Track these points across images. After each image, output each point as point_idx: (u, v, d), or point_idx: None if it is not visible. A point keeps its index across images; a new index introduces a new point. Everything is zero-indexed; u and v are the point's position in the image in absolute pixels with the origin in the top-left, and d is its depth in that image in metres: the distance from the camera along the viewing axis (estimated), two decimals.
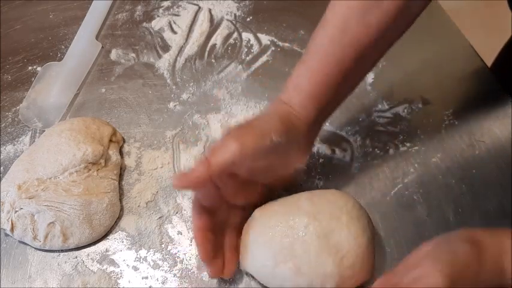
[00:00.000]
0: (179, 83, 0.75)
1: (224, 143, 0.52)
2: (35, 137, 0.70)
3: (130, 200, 0.65)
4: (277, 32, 0.79)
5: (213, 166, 0.51)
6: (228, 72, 0.76)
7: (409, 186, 0.64)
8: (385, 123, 0.69)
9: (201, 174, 0.51)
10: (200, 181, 0.51)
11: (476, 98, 0.71)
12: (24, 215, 0.60)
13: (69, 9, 0.83)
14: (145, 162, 0.68)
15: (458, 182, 0.64)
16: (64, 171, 0.62)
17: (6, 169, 0.65)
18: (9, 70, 0.77)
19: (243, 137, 0.53)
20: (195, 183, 0.52)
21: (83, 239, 0.61)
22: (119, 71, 0.76)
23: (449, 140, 0.67)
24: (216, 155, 0.52)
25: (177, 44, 0.79)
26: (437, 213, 0.62)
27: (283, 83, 0.73)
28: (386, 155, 0.67)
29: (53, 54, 0.78)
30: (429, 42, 0.76)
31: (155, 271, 0.60)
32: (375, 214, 0.62)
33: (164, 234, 0.62)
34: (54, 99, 0.74)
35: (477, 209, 0.62)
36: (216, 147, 0.53)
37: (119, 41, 0.80)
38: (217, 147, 0.53)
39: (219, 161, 0.51)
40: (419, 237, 0.60)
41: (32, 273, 0.60)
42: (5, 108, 0.73)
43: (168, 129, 0.70)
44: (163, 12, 0.82)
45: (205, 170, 0.51)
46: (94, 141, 0.64)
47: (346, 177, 0.65)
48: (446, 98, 0.71)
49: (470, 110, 0.70)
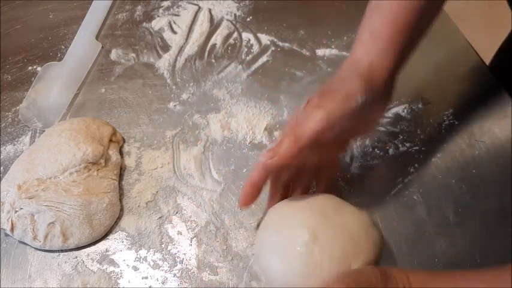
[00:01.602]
0: (179, 83, 0.75)
1: (308, 113, 0.51)
2: (35, 137, 0.70)
3: (130, 200, 0.65)
4: (277, 32, 0.79)
5: (302, 139, 0.50)
6: (228, 72, 0.76)
7: (409, 186, 0.64)
8: (385, 123, 0.69)
9: (290, 149, 0.50)
10: (288, 156, 0.50)
11: (476, 98, 0.71)
12: (24, 215, 0.60)
13: (69, 9, 0.83)
14: (145, 162, 0.68)
15: (458, 182, 0.64)
16: (64, 171, 0.62)
17: (6, 169, 0.65)
18: (9, 70, 0.77)
19: (328, 103, 0.51)
20: (284, 158, 0.50)
21: (83, 239, 0.61)
22: (119, 71, 0.76)
23: (449, 140, 0.67)
24: (303, 126, 0.50)
25: (177, 44, 0.79)
26: (437, 213, 0.62)
27: (283, 83, 0.74)
28: (386, 155, 0.67)
29: (53, 54, 0.78)
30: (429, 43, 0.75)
31: (155, 271, 0.60)
32: (375, 214, 0.62)
33: (164, 234, 0.62)
34: (54, 99, 0.74)
35: (477, 209, 0.62)
36: (300, 119, 0.51)
37: (119, 41, 0.80)
38: (302, 118, 0.51)
39: (307, 132, 0.50)
40: (420, 237, 0.60)
41: (32, 273, 0.60)
42: (5, 108, 0.73)
43: (168, 129, 0.70)
44: (163, 12, 0.82)
45: (294, 144, 0.50)
46: (94, 141, 0.64)
47: (346, 177, 0.65)
48: (446, 98, 0.71)
49: (470, 110, 0.70)
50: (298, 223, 0.53)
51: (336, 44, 0.77)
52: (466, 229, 0.61)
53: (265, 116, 0.71)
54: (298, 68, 0.75)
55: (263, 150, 0.67)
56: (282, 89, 0.73)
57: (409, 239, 0.60)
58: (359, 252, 0.52)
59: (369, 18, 0.56)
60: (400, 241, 0.60)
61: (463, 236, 0.60)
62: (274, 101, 0.72)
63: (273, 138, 0.69)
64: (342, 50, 0.77)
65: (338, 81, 0.54)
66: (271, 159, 0.51)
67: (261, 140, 0.69)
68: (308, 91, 0.72)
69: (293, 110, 0.71)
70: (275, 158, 0.51)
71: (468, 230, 0.61)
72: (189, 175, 0.66)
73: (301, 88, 0.73)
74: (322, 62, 0.76)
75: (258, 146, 0.69)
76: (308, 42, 0.78)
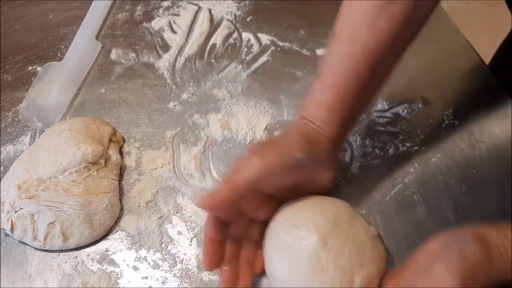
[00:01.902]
0: (179, 83, 0.75)
1: (247, 160, 0.52)
2: (35, 137, 0.70)
3: (130, 200, 0.65)
4: (277, 32, 0.79)
5: (238, 184, 0.51)
6: (228, 72, 0.76)
7: (409, 186, 0.64)
8: (385, 123, 0.69)
9: (227, 194, 0.51)
10: (227, 201, 0.51)
11: (476, 98, 0.71)
12: (24, 215, 0.60)
13: (69, 9, 0.83)
14: (145, 162, 0.68)
15: (458, 182, 0.64)
16: (64, 171, 0.62)
17: (6, 169, 0.65)
18: (9, 70, 0.77)
19: (266, 153, 0.52)
20: (222, 203, 0.51)
21: (83, 239, 0.61)
22: (119, 71, 0.76)
23: (449, 140, 0.67)
24: (240, 172, 0.51)
25: (177, 44, 0.79)
26: (437, 213, 0.62)
27: (283, 83, 0.74)
28: (387, 155, 0.67)
29: (53, 54, 0.78)
30: (429, 42, 0.76)
31: (155, 271, 0.60)
32: (374, 214, 0.62)
33: (164, 234, 0.62)
34: (54, 99, 0.74)
35: (477, 209, 0.62)
36: (238, 165, 0.52)
37: (119, 41, 0.80)
38: (240, 164, 0.52)
39: (244, 178, 0.51)
40: (419, 237, 0.60)
41: (32, 273, 0.60)
42: (5, 108, 0.73)
43: (168, 129, 0.70)
44: (163, 12, 0.82)
45: (231, 189, 0.51)
46: (94, 141, 0.64)
47: (346, 177, 0.65)
48: (446, 98, 0.71)
49: (470, 110, 0.70)
50: (310, 226, 0.53)
51: None
52: None
53: (265, 116, 0.71)
54: (298, 68, 0.75)
55: None
56: (282, 89, 0.73)
57: (409, 239, 0.60)
58: (364, 265, 0.52)
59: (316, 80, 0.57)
60: (400, 241, 0.60)
61: None
62: (274, 101, 0.72)
63: None
64: None
65: (282, 135, 0.56)
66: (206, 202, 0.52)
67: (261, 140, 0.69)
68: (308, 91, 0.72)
69: (293, 110, 0.71)
70: (212, 202, 0.52)
71: None
72: (189, 175, 0.66)
73: (301, 88, 0.73)
74: None
75: None
76: (308, 42, 0.78)
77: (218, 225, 0.54)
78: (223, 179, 0.53)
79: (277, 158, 0.52)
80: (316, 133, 0.55)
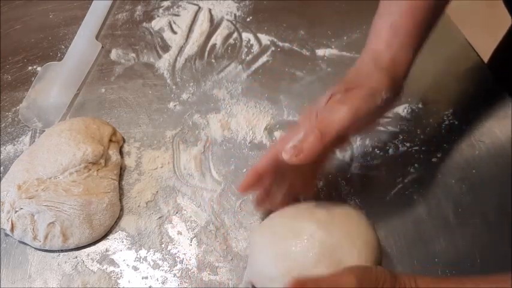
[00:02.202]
0: (179, 83, 0.75)
1: (334, 109, 0.49)
2: (35, 137, 0.70)
3: (130, 200, 0.65)
4: (277, 32, 0.79)
5: (328, 135, 0.48)
6: (228, 72, 0.76)
7: (409, 186, 0.64)
8: (385, 123, 0.69)
9: (315, 146, 0.48)
10: (315, 152, 0.48)
11: (476, 98, 0.71)
12: (24, 215, 0.60)
13: (69, 9, 0.83)
14: (145, 162, 0.68)
15: (458, 182, 0.64)
16: (64, 171, 0.62)
17: (6, 169, 0.65)
18: (9, 70, 0.77)
19: (353, 100, 0.49)
20: (310, 155, 0.48)
21: (83, 239, 0.61)
22: (119, 71, 0.76)
23: (449, 140, 0.67)
24: (328, 122, 0.49)
25: (177, 44, 0.79)
26: (437, 213, 0.62)
27: (283, 83, 0.74)
28: (387, 155, 0.67)
29: (53, 54, 0.78)
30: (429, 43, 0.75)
31: (155, 271, 0.60)
32: (375, 214, 0.62)
33: (164, 234, 0.62)
34: (54, 99, 0.74)
35: (477, 209, 0.62)
36: (324, 115, 0.50)
37: (118, 41, 0.80)
38: (325, 114, 0.49)
39: (334, 128, 0.48)
40: (419, 237, 0.60)
41: (32, 273, 0.60)
42: (5, 108, 0.73)
43: (168, 129, 0.70)
44: (163, 12, 0.82)
45: (319, 141, 0.48)
46: (94, 141, 0.64)
47: (346, 177, 0.65)
48: (446, 98, 0.71)
49: (470, 110, 0.70)
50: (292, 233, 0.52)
51: (336, 44, 0.77)
52: (466, 229, 0.61)
53: (265, 116, 0.71)
54: (298, 68, 0.75)
55: (262, 151, 0.67)
56: (282, 89, 0.73)
57: (409, 239, 0.60)
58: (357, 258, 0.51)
59: (386, 7, 0.55)
60: (400, 241, 0.60)
61: (463, 236, 0.60)
62: (274, 101, 0.72)
63: (273, 138, 0.69)
64: (342, 50, 0.77)
65: (362, 74, 0.52)
66: (296, 156, 0.49)
67: (261, 140, 0.69)
68: (308, 91, 0.72)
69: (293, 110, 0.71)
70: (301, 155, 0.48)
71: (468, 230, 0.61)
72: (189, 175, 0.66)
73: (301, 88, 0.73)
74: (322, 62, 0.76)
75: (258, 146, 0.69)
76: (308, 42, 0.78)
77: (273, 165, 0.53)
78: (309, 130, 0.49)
79: (365, 103, 0.49)
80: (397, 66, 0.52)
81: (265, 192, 0.58)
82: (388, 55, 0.52)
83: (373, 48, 0.54)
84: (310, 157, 0.48)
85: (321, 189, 0.64)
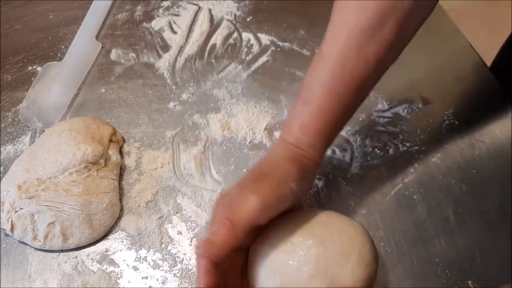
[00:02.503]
0: (179, 83, 0.75)
1: (242, 198, 0.49)
2: (35, 137, 0.70)
3: (130, 200, 0.65)
4: (277, 32, 0.79)
5: (238, 225, 0.47)
6: (228, 72, 0.76)
7: (409, 186, 0.64)
8: (385, 123, 0.69)
9: (227, 238, 0.47)
10: (227, 245, 0.47)
11: (476, 98, 0.71)
12: (24, 215, 0.60)
13: (69, 9, 0.83)
14: (145, 162, 0.68)
15: (458, 182, 0.64)
16: (64, 171, 0.62)
17: (6, 169, 0.65)
18: (9, 70, 0.77)
19: (263, 189, 0.49)
20: (222, 248, 0.47)
21: (83, 239, 0.61)
22: (119, 71, 0.76)
23: (449, 140, 0.67)
24: (237, 212, 0.48)
25: (177, 44, 0.79)
26: (437, 213, 0.62)
27: (283, 83, 0.74)
28: (387, 155, 0.67)
29: (53, 54, 0.78)
30: (429, 43, 0.76)
31: (155, 271, 0.60)
32: (375, 214, 0.62)
33: (164, 234, 0.62)
34: (54, 99, 0.74)
35: (477, 209, 0.62)
36: (232, 202, 0.49)
37: (118, 41, 0.80)
38: (235, 202, 0.49)
39: (244, 218, 0.48)
40: (419, 237, 0.60)
41: (32, 273, 0.60)
42: (5, 108, 0.73)
43: (168, 129, 0.70)
44: (163, 12, 0.82)
45: (230, 232, 0.47)
46: (94, 141, 0.64)
47: (346, 177, 0.65)
48: (446, 98, 0.71)
49: (470, 110, 0.70)
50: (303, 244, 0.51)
51: None
52: (466, 229, 0.61)
53: (265, 116, 0.71)
54: (298, 68, 0.75)
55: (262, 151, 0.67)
56: (282, 89, 0.73)
57: (409, 239, 0.60)
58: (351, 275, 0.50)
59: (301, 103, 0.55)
60: (400, 241, 0.60)
61: (463, 236, 0.60)
62: (274, 101, 0.72)
63: (273, 138, 0.69)
64: None
65: (270, 163, 0.53)
66: (208, 251, 0.47)
67: (261, 140, 0.69)
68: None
69: None
70: (212, 249, 0.47)
71: (468, 230, 0.61)
72: (189, 175, 0.67)
73: None
74: None
75: (258, 146, 0.69)
76: (308, 42, 0.78)
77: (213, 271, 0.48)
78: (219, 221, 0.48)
79: (274, 192, 0.49)
80: (305, 159, 0.53)
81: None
82: (298, 151, 0.53)
83: (285, 140, 0.54)
84: (223, 251, 0.47)
85: (321, 189, 0.64)
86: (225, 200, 0.51)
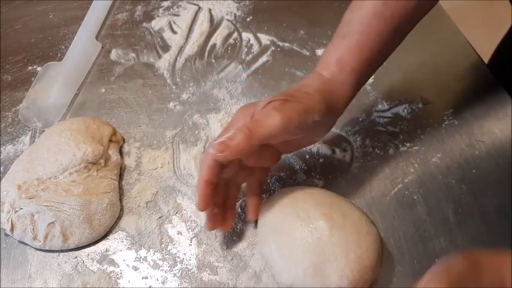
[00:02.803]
0: (179, 83, 0.75)
1: (268, 114, 0.50)
2: (35, 137, 0.70)
3: (130, 200, 0.65)
4: (277, 32, 0.79)
5: (256, 136, 0.49)
6: (228, 72, 0.76)
7: (409, 186, 0.64)
8: (385, 123, 0.69)
9: (242, 144, 0.49)
10: (240, 151, 0.49)
11: (476, 97, 0.71)
12: (24, 215, 0.60)
13: (69, 9, 0.83)
14: (145, 162, 0.68)
15: (458, 182, 0.64)
16: (64, 171, 0.62)
17: (6, 169, 0.65)
18: (9, 70, 0.77)
19: (289, 110, 0.51)
20: (235, 153, 0.49)
21: (83, 239, 0.61)
22: (119, 71, 0.76)
23: (449, 140, 0.67)
24: (259, 126, 0.50)
25: (177, 44, 0.79)
26: (437, 213, 0.62)
27: (283, 83, 0.74)
28: (387, 155, 0.67)
29: (53, 54, 0.78)
30: (429, 42, 0.76)
31: (155, 271, 0.60)
32: (375, 214, 0.62)
33: (164, 234, 0.62)
34: (54, 99, 0.74)
35: (477, 209, 0.62)
36: (257, 115, 0.51)
37: (119, 41, 0.80)
38: (260, 116, 0.51)
39: (264, 131, 0.49)
40: (419, 237, 0.60)
41: (32, 273, 0.60)
42: (5, 108, 0.73)
43: (168, 129, 0.70)
44: (163, 12, 0.82)
45: (247, 140, 0.49)
46: (94, 141, 0.64)
47: (346, 177, 0.65)
48: (446, 98, 0.71)
49: (470, 110, 0.70)
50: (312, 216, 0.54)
51: None
52: (466, 229, 0.61)
53: None
54: (298, 68, 0.75)
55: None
56: (282, 89, 0.73)
57: (409, 239, 0.60)
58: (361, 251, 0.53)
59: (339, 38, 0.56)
60: (400, 241, 0.60)
61: (463, 236, 0.60)
62: None
63: None
64: None
65: (303, 91, 0.54)
66: (221, 152, 0.50)
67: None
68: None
69: None
70: (226, 152, 0.49)
71: (468, 230, 0.61)
72: (189, 175, 0.66)
73: None
74: None
75: None
76: (308, 42, 0.78)
77: (216, 168, 0.52)
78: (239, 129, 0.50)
79: (298, 118, 0.51)
80: (336, 97, 0.54)
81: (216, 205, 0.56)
82: (331, 86, 0.54)
83: (320, 73, 0.55)
84: (235, 154, 0.49)
85: None
86: (247, 111, 0.53)
